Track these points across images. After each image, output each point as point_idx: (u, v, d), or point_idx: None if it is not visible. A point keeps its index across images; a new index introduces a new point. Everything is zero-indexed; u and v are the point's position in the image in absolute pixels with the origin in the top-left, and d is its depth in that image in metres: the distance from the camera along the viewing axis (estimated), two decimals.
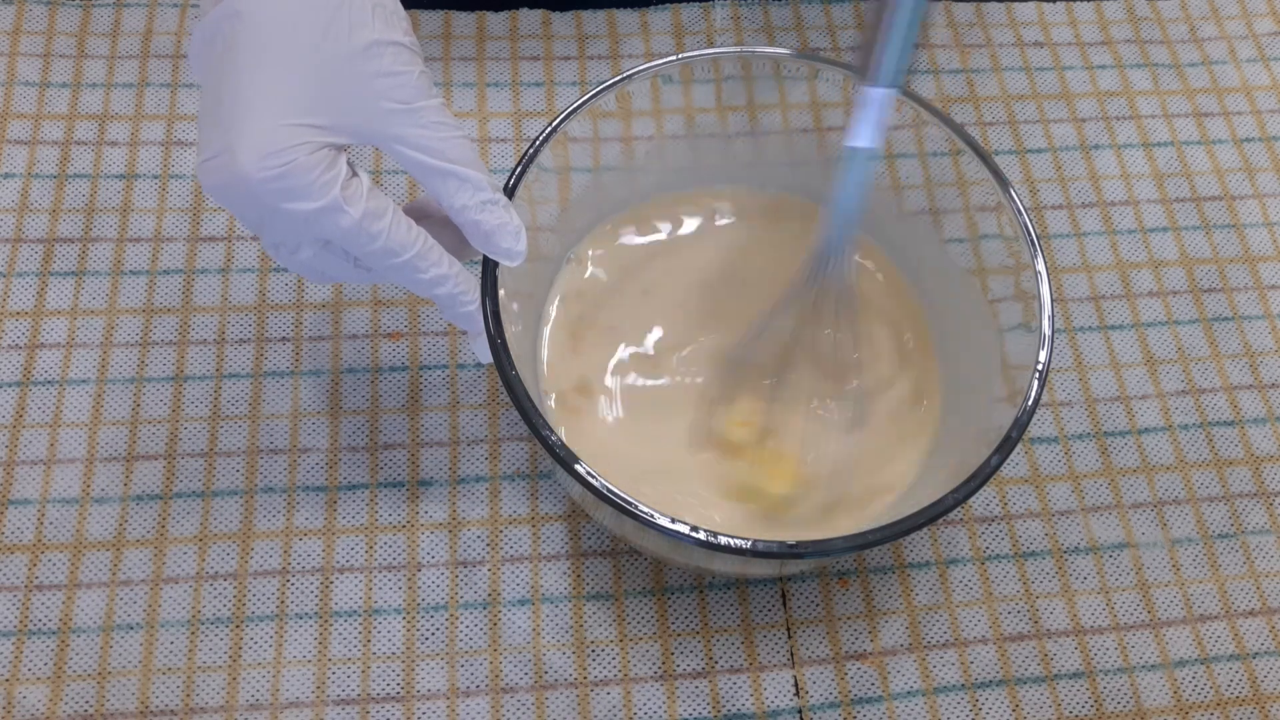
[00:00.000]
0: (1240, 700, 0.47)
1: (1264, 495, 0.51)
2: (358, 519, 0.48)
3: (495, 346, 0.40)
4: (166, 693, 0.44)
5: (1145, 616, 0.48)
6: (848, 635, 0.47)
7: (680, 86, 0.48)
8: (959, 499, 0.38)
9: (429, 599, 0.47)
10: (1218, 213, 0.58)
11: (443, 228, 0.41)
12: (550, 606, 0.47)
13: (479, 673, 0.45)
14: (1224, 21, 0.65)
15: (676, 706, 0.45)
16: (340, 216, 0.36)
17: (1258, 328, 0.55)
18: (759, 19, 0.62)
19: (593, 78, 0.60)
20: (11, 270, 0.52)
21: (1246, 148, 0.60)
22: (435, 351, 0.52)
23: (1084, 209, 0.58)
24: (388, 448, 0.50)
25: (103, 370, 0.50)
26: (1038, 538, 0.50)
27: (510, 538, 0.48)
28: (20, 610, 0.45)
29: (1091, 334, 0.55)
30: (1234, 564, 0.50)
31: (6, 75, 0.57)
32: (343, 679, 0.45)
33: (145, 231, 0.54)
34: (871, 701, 0.46)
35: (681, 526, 0.37)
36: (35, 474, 0.48)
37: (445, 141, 0.38)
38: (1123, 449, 0.52)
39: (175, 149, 0.56)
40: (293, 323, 0.52)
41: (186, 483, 0.48)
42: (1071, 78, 0.62)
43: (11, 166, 0.55)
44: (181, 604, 0.46)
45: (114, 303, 0.52)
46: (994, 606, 0.48)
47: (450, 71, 0.59)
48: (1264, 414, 0.53)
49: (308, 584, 0.47)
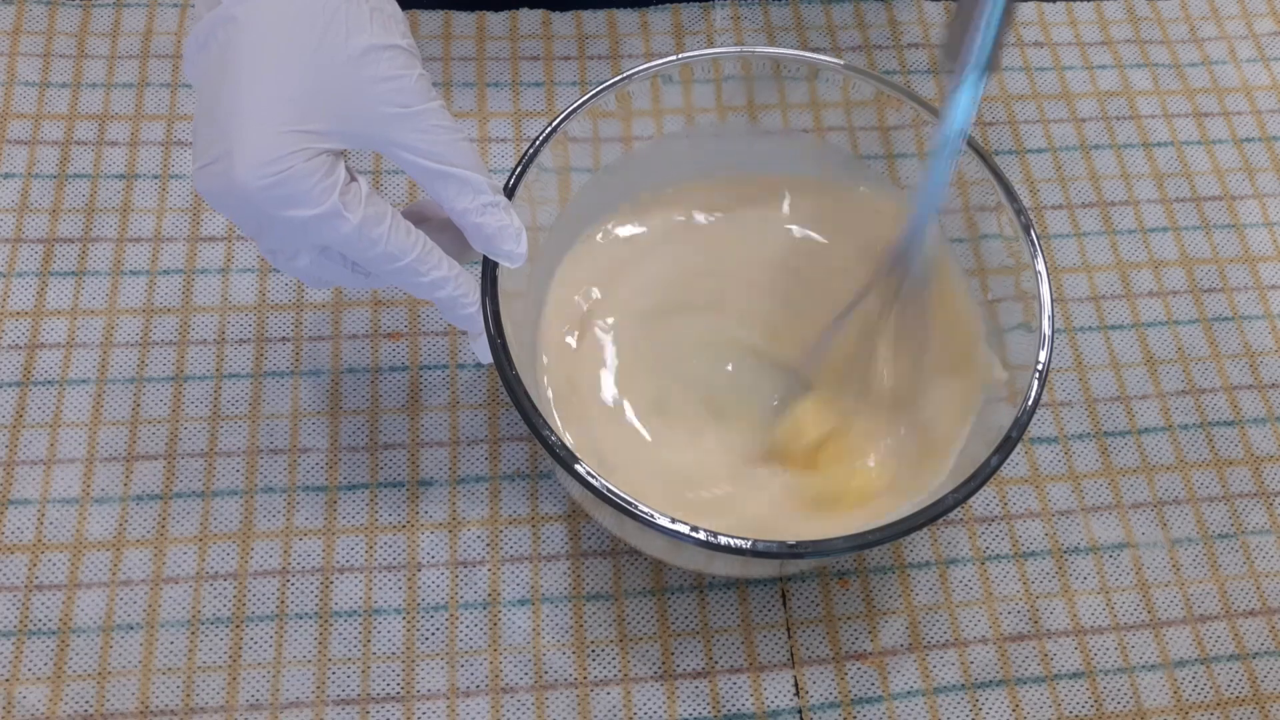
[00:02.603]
0: (1240, 700, 0.47)
1: (1264, 495, 0.51)
2: (358, 519, 0.48)
3: (495, 347, 0.40)
4: (166, 693, 0.44)
5: (1145, 616, 0.48)
6: (848, 635, 0.47)
7: (680, 86, 0.48)
8: (959, 499, 0.38)
9: (429, 599, 0.47)
10: (1218, 213, 0.58)
11: (442, 230, 0.41)
12: (550, 606, 0.47)
13: (479, 673, 0.45)
14: (1224, 21, 0.65)
15: (676, 706, 0.45)
16: (339, 223, 0.36)
17: (1258, 328, 0.55)
18: (759, 19, 0.62)
19: (593, 78, 0.60)
20: (11, 270, 0.52)
21: (1246, 148, 0.60)
22: (435, 351, 0.52)
23: (1084, 209, 0.58)
24: (388, 448, 0.50)
25: (103, 370, 0.50)
26: (1038, 538, 0.50)
27: (510, 538, 0.48)
28: (20, 610, 0.45)
29: (1091, 334, 0.55)
30: (1234, 564, 0.50)
31: (6, 75, 0.57)
32: (343, 679, 0.45)
33: (145, 231, 0.54)
34: (871, 701, 0.46)
35: (681, 526, 0.37)
36: (35, 474, 0.48)
37: (445, 144, 0.37)
38: (1123, 449, 0.52)
39: (175, 149, 0.56)
40: (293, 323, 0.52)
41: (186, 483, 0.48)
42: (1071, 78, 0.62)
43: (11, 166, 0.55)
44: (181, 604, 0.46)
45: (114, 303, 0.52)
46: (994, 606, 0.48)
47: (450, 71, 0.59)
48: (1264, 414, 0.53)
49: (308, 584, 0.47)
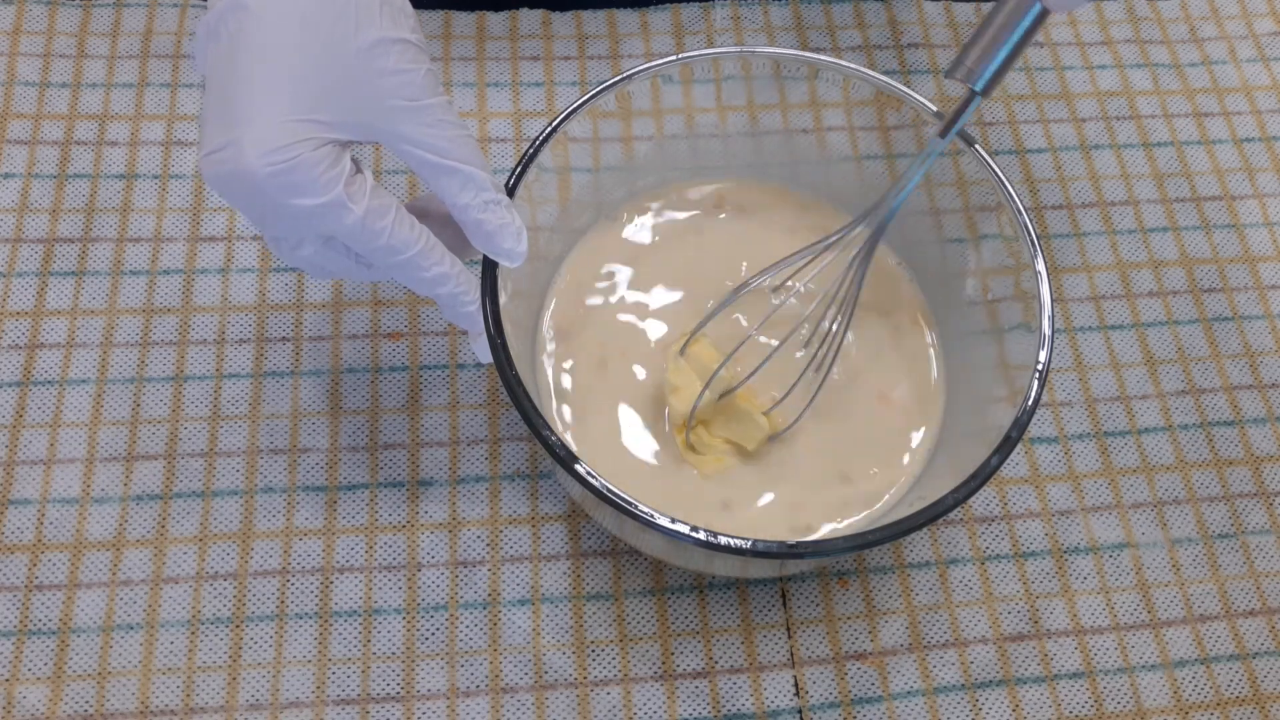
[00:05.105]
0: (1240, 700, 0.47)
1: (1264, 495, 0.51)
2: (358, 519, 0.48)
3: (495, 347, 0.40)
4: (166, 693, 0.44)
5: (1145, 616, 0.48)
6: (848, 635, 0.47)
7: (680, 86, 0.48)
8: (959, 499, 0.38)
9: (429, 599, 0.47)
10: (1218, 213, 0.58)
11: (444, 226, 0.41)
12: (550, 606, 0.47)
13: (479, 673, 0.45)
14: (1224, 21, 0.65)
15: (676, 706, 0.45)
16: (343, 213, 0.36)
17: (1258, 328, 0.55)
18: (759, 19, 0.62)
19: (593, 78, 0.60)
20: (11, 270, 0.52)
21: (1246, 148, 0.60)
22: (435, 351, 0.52)
23: (1084, 209, 0.58)
24: (388, 448, 0.50)
25: (103, 370, 0.50)
26: (1038, 538, 0.50)
27: (510, 538, 0.48)
28: (20, 610, 0.45)
29: (1091, 334, 0.55)
30: (1234, 564, 0.50)
31: (6, 75, 0.57)
32: (343, 679, 0.45)
33: (145, 231, 0.54)
34: (871, 701, 0.46)
35: (682, 527, 0.37)
36: (35, 474, 0.48)
37: (450, 140, 0.38)
38: (1123, 449, 0.52)
39: (175, 149, 0.56)
40: (293, 323, 0.52)
41: (186, 483, 0.48)
42: (1071, 78, 0.62)
43: (11, 166, 0.55)
44: (181, 604, 0.46)
45: (114, 303, 0.52)
46: (994, 606, 0.48)
47: (450, 71, 0.59)
48: (1264, 414, 0.53)
49: (308, 584, 0.47)
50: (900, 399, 0.48)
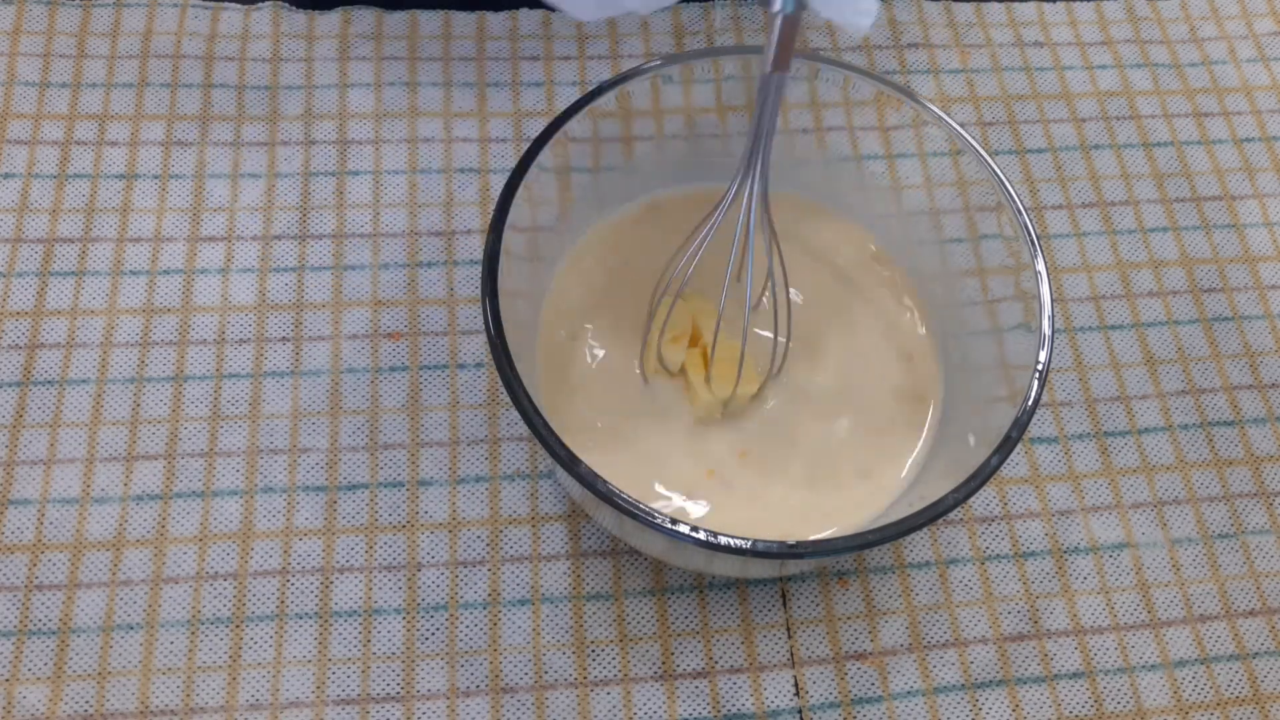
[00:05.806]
0: (1240, 700, 0.47)
1: (1264, 495, 0.51)
2: (358, 519, 0.48)
3: (495, 347, 0.40)
4: (166, 693, 0.44)
5: (1145, 616, 0.48)
6: (848, 635, 0.47)
7: (680, 86, 0.48)
8: (959, 499, 0.38)
9: (429, 599, 0.47)
10: (1218, 213, 0.58)
11: None
12: (550, 606, 0.47)
13: (479, 673, 0.45)
14: (1224, 21, 0.65)
15: (676, 706, 0.45)
16: None
17: (1258, 328, 0.55)
18: (759, 19, 0.62)
19: (593, 78, 0.60)
20: (11, 270, 0.52)
21: (1246, 148, 0.60)
22: (435, 351, 0.52)
23: (1084, 209, 0.58)
24: (388, 448, 0.50)
25: (103, 370, 0.50)
26: (1038, 538, 0.50)
27: (510, 538, 0.48)
28: (20, 610, 0.45)
29: (1091, 334, 0.55)
30: (1234, 564, 0.50)
31: (6, 75, 0.57)
32: (343, 679, 0.45)
33: (145, 231, 0.54)
34: (871, 701, 0.46)
35: (682, 527, 0.37)
36: (35, 474, 0.48)
37: None
38: (1123, 449, 0.52)
39: (175, 149, 0.56)
40: (293, 323, 0.52)
41: (186, 483, 0.48)
42: (1071, 78, 0.62)
43: (11, 166, 0.55)
44: (181, 604, 0.46)
45: (114, 303, 0.52)
46: (994, 606, 0.48)
47: (450, 71, 0.59)
48: (1264, 414, 0.53)
49: (308, 584, 0.47)
50: (899, 399, 0.48)
